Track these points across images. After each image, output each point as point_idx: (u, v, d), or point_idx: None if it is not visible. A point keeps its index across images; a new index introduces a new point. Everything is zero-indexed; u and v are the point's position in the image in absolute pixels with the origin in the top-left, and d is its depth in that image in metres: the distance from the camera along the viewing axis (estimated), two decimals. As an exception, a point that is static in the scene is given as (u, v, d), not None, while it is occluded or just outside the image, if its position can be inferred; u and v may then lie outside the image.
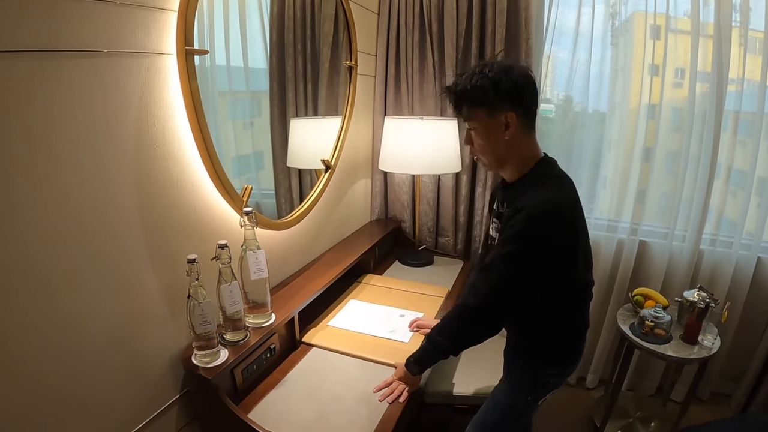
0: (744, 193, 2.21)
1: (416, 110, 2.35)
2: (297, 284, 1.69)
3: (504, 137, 1.17)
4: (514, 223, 1.14)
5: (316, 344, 1.58)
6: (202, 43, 1.34)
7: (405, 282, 2.09)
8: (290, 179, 1.89)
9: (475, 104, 1.17)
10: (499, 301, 1.22)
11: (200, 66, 1.35)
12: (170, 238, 1.22)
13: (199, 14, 1.19)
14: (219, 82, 1.45)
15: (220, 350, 1.27)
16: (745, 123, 2.15)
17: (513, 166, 1.24)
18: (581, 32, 2.21)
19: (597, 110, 2.34)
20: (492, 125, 1.18)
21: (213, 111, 1.33)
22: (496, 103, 1.15)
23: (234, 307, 1.28)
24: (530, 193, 1.17)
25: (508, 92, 1.13)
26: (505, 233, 1.17)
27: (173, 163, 1.19)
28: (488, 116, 1.17)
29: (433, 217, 2.49)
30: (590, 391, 2.60)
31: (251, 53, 1.60)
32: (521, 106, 1.16)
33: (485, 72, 1.14)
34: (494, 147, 1.21)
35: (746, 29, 2.03)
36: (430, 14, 2.21)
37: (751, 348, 2.32)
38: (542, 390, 1.41)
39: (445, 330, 1.32)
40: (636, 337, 1.96)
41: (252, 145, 1.72)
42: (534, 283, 1.21)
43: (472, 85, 1.15)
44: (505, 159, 1.24)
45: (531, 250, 1.15)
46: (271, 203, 1.77)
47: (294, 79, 1.80)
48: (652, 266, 2.39)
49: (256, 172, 1.75)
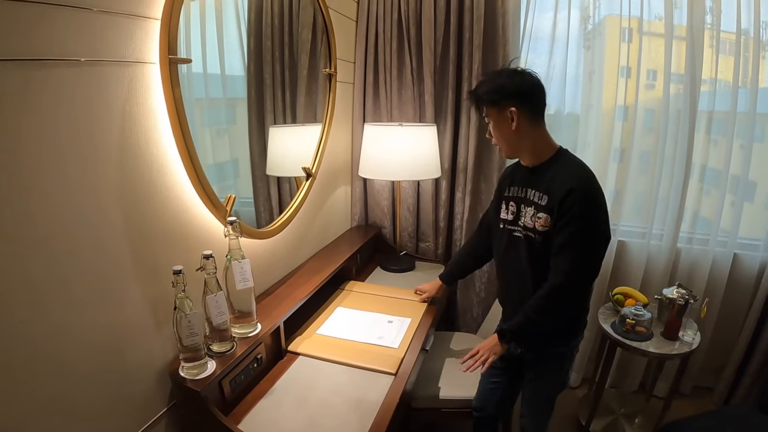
0: (719, 192, 2.30)
1: (395, 117, 2.40)
2: (282, 293, 1.71)
3: (512, 128, 1.44)
4: (574, 202, 1.36)
5: (303, 353, 1.60)
6: (180, 50, 1.36)
7: (388, 288, 2.13)
8: (269, 187, 1.89)
9: (488, 104, 1.47)
10: (582, 273, 1.43)
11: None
12: (155, 248, 1.23)
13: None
14: (196, 89, 1.45)
15: (208, 362, 1.28)
16: (719, 122, 2.25)
17: (529, 151, 1.50)
18: (556, 37, 2.28)
19: (572, 113, 2.41)
20: (501, 119, 1.46)
21: (191, 119, 1.33)
22: (502, 102, 1.43)
23: (220, 317, 1.29)
24: (568, 173, 1.42)
25: (512, 93, 1.42)
26: (569, 212, 1.37)
27: (157, 173, 1.21)
28: (498, 113, 1.46)
29: (414, 223, 2.53)
30: (574, 390, 2.67)
31: (228, 60, 1.61)
32: (524, 103, 1.42)
33: (494, 78, 1.46)
34: (507, 137, 1.48)
35: (718, 31, 2.13)
36: (408, 21, 2.27)
37: (731, 342, 2.42)
38: (570, 362, 1.67)
39: (538, 307, 1.47)
40: (617, 335, 2.03)
41: (229, 153, 1.73)
42: (604, 249, 1.46)
43: (485, 90, 1.46)
44: (517, 146, 1.50)
45: (598, 220, 1.40)
46: (249, 212, 1.78)
47: (272, 86, 1.83)
48: (631, 265, 2.48)
49: (234, 180, 1.76)
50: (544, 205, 1.44)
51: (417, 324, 1.79)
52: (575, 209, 1.36)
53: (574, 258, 1.40)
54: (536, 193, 1.48)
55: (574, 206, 1.36)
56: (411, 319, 1.81)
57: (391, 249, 2.49)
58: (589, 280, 1.48)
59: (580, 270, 1.41)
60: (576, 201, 1.36)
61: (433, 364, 1.97)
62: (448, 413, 1.86)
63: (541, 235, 1.46)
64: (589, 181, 1.41)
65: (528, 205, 1.50)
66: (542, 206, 1.45)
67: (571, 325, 1.59)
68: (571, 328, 1.59)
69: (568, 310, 1.51)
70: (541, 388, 1.67)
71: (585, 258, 1.41)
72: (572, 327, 1.59)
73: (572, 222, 1.37)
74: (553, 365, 1.62)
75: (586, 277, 1.45)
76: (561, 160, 1.47)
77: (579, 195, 1.36)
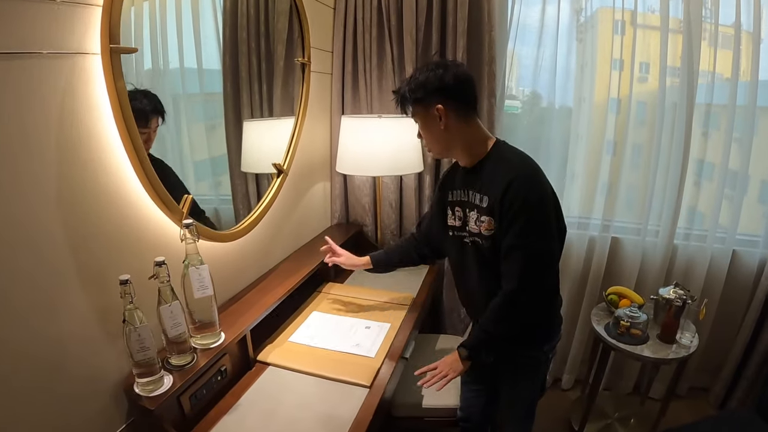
0: (716, 186, 2.25)
1: (375, 108, 2.33)
2: (251, 298, 1.64)
3: (440, 127, 1.38)
4: (514, 196, 1.29)
5: (273, 363, 1.53)
6: (154, 43, 1.35)
7: (368, 290, 2.06)
8: (247, 184, 1.85)
9: (412, 103, 1.40)
10: (536, 274, 1.34)
11: (153, 68, 1.38)
12: (102, 254, 1.16)
13: (150, 12, 1.21)
14: (173, 85, 1.48)
15: (164, 376, 1.21)
16: (716, 116, 2.21)
17: (461, 150, 1.43)
18: (546, 27, 2.24)
19: (564, 105, 2.36)
20: (429, 118, 1.39)
21: (170, 115, 1.39)
22: (426, 99, 1.36)
23: (176, 329, 1.22)
24: (506, 167, 1.34)
25: (436, 89, 1.35)
26: (511, 209, 1.30)
27: (102, 173, 1.13)
28: (424, 111, 1.39)
29: (396, 220, 2.47)
30: (566, 392, 2.63)
31: (205, 53, 1.59)
32: (450, 99, 1.35)
33: (416, 75, 1.39)
34: (436, 137, 1.42)
35: (716, 23, 2.07)
36: (388, 7, 2.19)
37: (728, 342, 2.38)
38: (547, 366, 1.61)
39: (494, 318, 1.41)
40: (611, 338, 1.97)
41: (208, 150, 1.71)
42: (559, 243, 1.39)
43: (408, 88, 1.39)
44: (448, 145, 1.43)
45: (545, 211, 1.32)
46: (229, 209, 1.75)
47: (248, 79, 1.79)
48: (625, 263, 2.42)
49: (213, 178, 1.74)
50: (485, 207, 1.37)
51: (397, 329, 1.72)
52: (516, 204, 1.29)
53: (525, 259, 1.31)
54: (476, 194, 1.40)
55: (515, 201, 1.29)
56: (390, 324, 1.74)
57: (373, 248, 2.40)
58: (544, 281, 1.38)
59: (533, 271, 1.33)
60: (516, 195, 1.29)
61: (418, 368, 1.89)
62: (431, 422, 1.80)
63: (487, 240, 1.39)
64: (529, 171, 1.34)
65: (471, 209, 1.43)
66: (483, 208, 1.37)
67: (542, 328, 1.52)
68: (544, 331, 1.53)
69: (528, 315, 1.40)
70: (519, 396, 1.60)
71: (536, 257, 1.32)
72: (544, 330, 1.53)
73: (516, 218, 1.30)
74: (528, 371, 1.56)
75: (540, 278, 1.35)
76: (498, 155, 1.39)
77: (519, 187, 1.29)
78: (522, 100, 2.52)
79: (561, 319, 1.59)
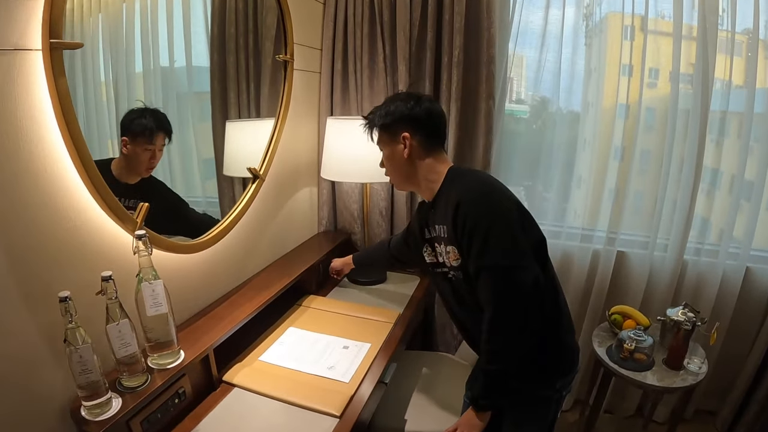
0: (731, 198, 2.16)
1: (365, 109, 2.23)
2: (219, 313, 1.57)
3: (404, 155, 1.41)
4: (465, 216, 1.26)
5: (239, 384, 1.45)
6: (145, 40, 1.35)
7: (351, 305, 1.97)
8: (234, 187, 1.82)
9: (380, 129, 1.45)
10: (509, 295, 1.24)
11: (145, 68, 1.39)
12: (45, 269, 1.09)
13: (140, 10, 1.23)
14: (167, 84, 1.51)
15: (112, 399, 1.15)
16: (731, 124, 2.13)
17: (423, 183, 1.45)
18: (555, 32, 2.19)
19: (571, 110, 2.31)
20: (393, 145, 1.43)
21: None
22: (393, 126, 1.41)
23: (125, 349, 1.15)
24: (453, 192, 1.33)
25: (402, 117, 1.39)
26: (464, 230, 1.27)
27: (44, 181, 1.06)
28: (390, 138, 1.43)
29: (387, 229, 2.39)
30: (564, 414, 2.54)
31: (195, 51, 1.59)
32: (418, 129, 1.39)
33: (387, 103, 1.44)
34: (399, 165, 1.45)
35: (733, 32, 2.00)
36: (381, 2, 2.12)
37: (738, 363, 2.29)
38: (559, 406, 1.49)
39: (487, 357, 1.32)
40: (613, 362, 1.89)
41: (196, 152, 1.70)
42: (529, 256, 1.27)
43: (377, 114, 1.44)
44: (409, 176, 1.46)
45: (503, 223, 1.26)
46: (217, 213, 1.73)
47: (236, 77, 1.76)
48: (631, 280, 2.33)
49: (202, 181, 1.75)
50: (446, 237, 1.36)
51: (377, 350, 1.63)
52: (468, 226, 1.25)
53: (492, 279, 1.25)
54: (438, 227, 1.41)
55: (466, 223, 1.26)
56: (371, 344, 1.65)
57: (361, 256, 2.35)
58: (522, 300, 1.24)
59: (505, 292, 1.24)
60: (466, 217, 1.26)
61: (402, 389, 1.82)
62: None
63: (459, 270, 1.35)
64: (478, 189, 1.31)
65: (440, 243, 1.43)
66: (446, 239, 1.37)
67: (551, 359, 1.40)
68: (554, 362, 1.41)
69: (520, 341, 1.27)
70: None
71: (504, 276, 1.23)
72: (554, 361, 1.41)
73: (472, 240, 1.25)
74: (538, 411, 1.45)
75: (516, 298, 1.23)
76: (449, 182, 1.39)
77: (467, 209, 1.26)
78: (530, 104, 2.45)
79: (576, 348, 1.47)
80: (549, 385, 1.41)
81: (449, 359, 2.07)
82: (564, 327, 1.44)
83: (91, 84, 1.22)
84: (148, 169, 1.38)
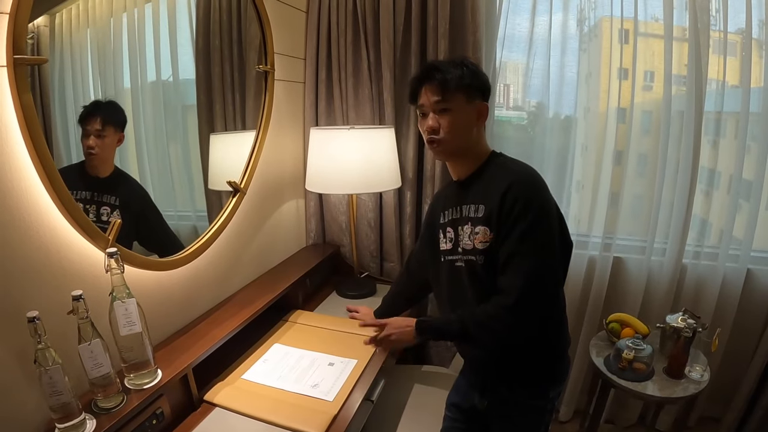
0: (729, 199, 2.17)
1: (351, 119, 2.26)
2: (200, 331, 1.57)
3: (475, 121, 1.35)
4: (515, 199, 1.23)
5: (220, 404, 1.44)
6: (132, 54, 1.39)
7: (339, 319, 1.96)
8: (222, 201, 1.83)
9: (459, 87, 1.30)
10: (539, 290, 1.24)
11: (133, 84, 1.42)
12: (11, 288, 1.09)
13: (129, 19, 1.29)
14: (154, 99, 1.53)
15: (87, 420, 1.14)
16: (727, 124, 2.14)
17: (469, 157, 1.39)
18: (548, 38, 2.22)
19: (567, 115, 2.32)
20: (468, 111, 1.33)
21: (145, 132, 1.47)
22: (474, 91, 1.33)
23: (98, 370, 1.15)
24: (503, 173, 1.30)
25: (484, 84, 1.35)
26: (511, 213, 1.24)
27: (11, 199, 1.07)
28: (466, 102, 1.32)
29: (376, 240, 2.39)
30: (564, 425, 2.53)
31: (181, 64, 1.62)
32: (486, 102, 1.37)
33: (467, 62, 1.33)
34: (465, 130, 1.35)
35: (725, 32, 2.03)
36: (364, 9, 2.14)
37: (742, 368, 2.28)
38: (551, 416, 1.51)
39: (479, 322, 1.31)
40: (612, 373, 1.88)
41: (184, 166, 1.73)
42: (564, 257, 1.33)
43: (465, 72, 1.31)
44: (467, 148, 1.38)
45: (550, 216, 1.26)
46: (205, 227, 1.74)
47: (221, 89, 1.79)
48: (628, 286, 2.33)
49: (191, 194, 1.77)
50: (481, 217, 1.31)
51: (364, 366, 1.62)
52: (518, 206, 1.23)
53: (529, 269, 1.22)
54: (470, 206, 1.35)
55: (517, 203, 1.23)
56: (357, 360, 1.64)
57: (351, 269, 2.35)
58: (548, 300, 1.29)
59: (536, 285, 1.23)
60: (518, 195, 1.24)
61: (392, 406, 1.81)
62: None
63: (482, 255, 1.30)
64: (532, 174, 1.30)
65: (464, 224, 1.37)
66: (479, 219, 1.31)
67: (547, 367, 1.41)
68: (549, 372, 1.41)
69: (514, 337, 1.30)
70: None
71: (541, 268, 1.24)
72: (549, 371, 1.42)
73: (518, 222, 1.23)
74: (530, 422, 1.45)
75: (543, 295, 1.26)
76: (496, 163, 1.38)
77: (521, 188, 1.25)
78: (528, 111, 2.46)
79: (569, 360, 1.49)
80: (543, 395, 1.41)
81: (443, 374, 2.06)
82: (564, 337, 1.46)
83: (80, 99, 1.26)
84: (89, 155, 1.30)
